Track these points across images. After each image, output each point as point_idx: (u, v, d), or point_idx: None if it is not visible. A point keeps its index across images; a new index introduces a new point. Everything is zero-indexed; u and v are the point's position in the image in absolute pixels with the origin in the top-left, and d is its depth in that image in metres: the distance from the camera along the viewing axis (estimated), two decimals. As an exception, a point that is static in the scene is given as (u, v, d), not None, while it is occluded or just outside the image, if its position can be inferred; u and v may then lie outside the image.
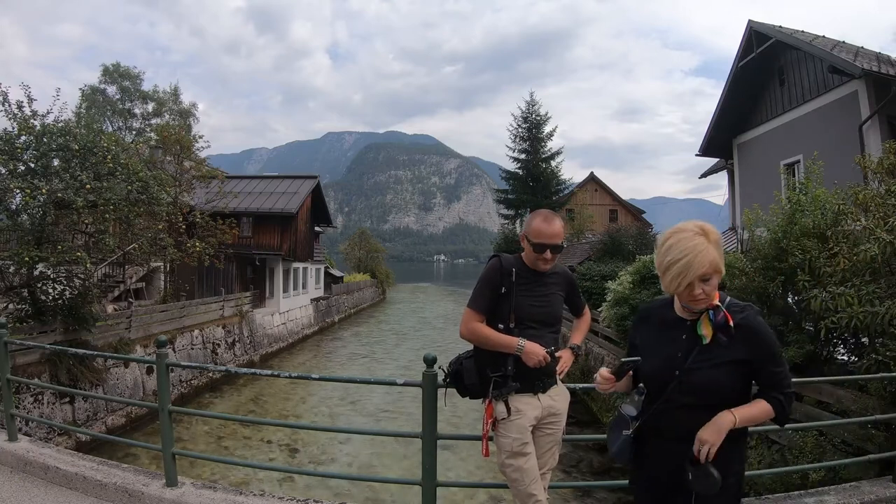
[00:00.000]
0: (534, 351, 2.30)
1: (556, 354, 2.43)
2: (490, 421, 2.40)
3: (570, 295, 2.64)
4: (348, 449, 10.35)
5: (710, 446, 1.68)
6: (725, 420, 1.70)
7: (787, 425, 1.89)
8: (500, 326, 2.38)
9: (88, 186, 8.81)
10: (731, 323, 1.74)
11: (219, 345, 15.68)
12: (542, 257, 2.40)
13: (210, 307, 15.84)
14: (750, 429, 1.86)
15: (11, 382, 3.96)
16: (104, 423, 10.22)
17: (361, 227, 55.16)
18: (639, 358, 1.92)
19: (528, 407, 2.38)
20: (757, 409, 1.75)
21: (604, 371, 1.97)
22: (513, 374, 2.34)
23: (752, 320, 1.75)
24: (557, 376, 2.48)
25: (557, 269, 2.55)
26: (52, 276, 9.58)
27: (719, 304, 1.76)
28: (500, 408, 2.36)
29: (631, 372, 2.00)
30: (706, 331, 1.75)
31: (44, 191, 8.56)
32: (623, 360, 1.95)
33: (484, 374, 2.43)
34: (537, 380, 2.39)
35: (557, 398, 2.48)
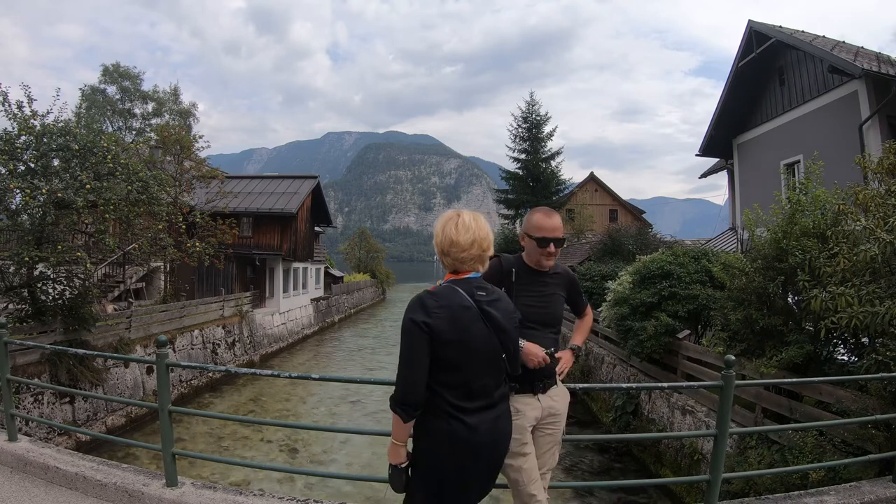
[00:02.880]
0: (533, 352, 2.29)
1: (557, 355, 2.43)
2: (490, 421, 2.39)
3: (572, 295, 2.63)
4: (348, 449, 10.34)
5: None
6: None
7: (787, 425, 1.86)
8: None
9: (88, 186, 8.81)
10: None
11: (219, 345, 15.69)
12: (547, 251, 2.39)
13: (210, 307, 15.84)
14: (749, 428, 1.83)
15: (11, 382, 3.96)
16: (104, 423, 10.22)
17: (361, 227, 55.18)
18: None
19: (527, 407, 2.37)
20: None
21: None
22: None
23: None
24: (557, 377, 2.48)
25: (559, 269, 2.55)
26: (52, 276, 9.58)
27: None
28: (500, 408, 2.36)
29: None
30: None
31: (44, 191, 8.55)
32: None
33: (484, 375, 2.43)
34: (537, 380, 2.39)
35: (557, 399, 2.48)
